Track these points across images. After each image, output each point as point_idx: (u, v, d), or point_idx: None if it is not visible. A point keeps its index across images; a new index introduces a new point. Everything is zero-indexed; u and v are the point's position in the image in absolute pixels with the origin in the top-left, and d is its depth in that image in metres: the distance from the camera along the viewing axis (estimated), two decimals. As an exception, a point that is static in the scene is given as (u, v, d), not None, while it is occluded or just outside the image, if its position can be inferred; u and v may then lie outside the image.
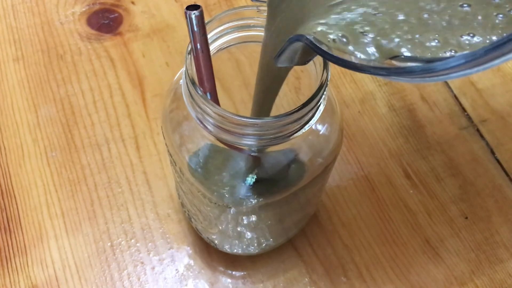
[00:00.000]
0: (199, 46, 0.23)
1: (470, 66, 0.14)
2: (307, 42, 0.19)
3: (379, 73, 0.17)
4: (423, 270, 0.38)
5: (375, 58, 0.17)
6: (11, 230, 0.38)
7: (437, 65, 0.14)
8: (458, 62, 0.14)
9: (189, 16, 0.22)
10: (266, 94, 0.26)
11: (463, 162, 0.42)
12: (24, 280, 0.36)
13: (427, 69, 0.15)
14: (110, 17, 0.47)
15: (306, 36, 0.19)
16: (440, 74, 0.15)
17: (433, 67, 0.15)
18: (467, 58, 0.14)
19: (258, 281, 0.37)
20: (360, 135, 0.43)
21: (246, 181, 0.27)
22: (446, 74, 0.15)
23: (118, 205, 0.39)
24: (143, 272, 0.37)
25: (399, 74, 0.16)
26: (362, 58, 0.18)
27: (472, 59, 0.14)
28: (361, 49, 0.18)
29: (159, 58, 0.46)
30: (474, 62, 0.14)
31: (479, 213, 0.40)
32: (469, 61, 0.14)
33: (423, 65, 0.15)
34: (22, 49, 0.45)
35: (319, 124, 0.28)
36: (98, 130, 0.42)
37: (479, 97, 0.45)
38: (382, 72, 0.17)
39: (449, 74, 0.15)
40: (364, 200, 0.40)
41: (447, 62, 0.14)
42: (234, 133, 0.24)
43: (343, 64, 0.18)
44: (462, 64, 0.14)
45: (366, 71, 0.17)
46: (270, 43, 0.24)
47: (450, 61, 0.14)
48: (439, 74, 0.15)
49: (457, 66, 0.14)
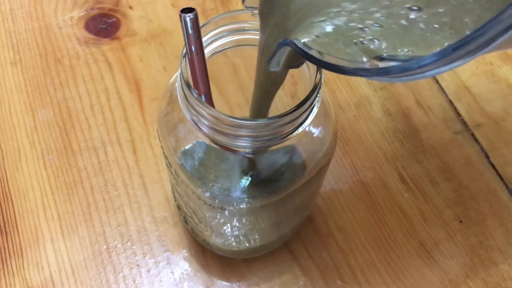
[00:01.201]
0: (194, 48, 0.24)
1: (441, 64, 0.15)
2: (293, 47, 0.20)
3: (361, 74, 0.17)
4: (417, 274, 0.38)
5: (360, 59, 0.18)
6: (7, 232, 0.38)
7: (413, 64, 0.15)
8: (431, 59, 0.15)
9: (183, 18, 0.23)
10: (263, 97, 0.27)
11: (458, 166, 0.42)
12: (20, 283, 0.36)
13: (404, 68, 0.15)
14: (108, 22, 0.48)
15: (293, 41, 0.20)
16: (416, 73, 0.15)
17: (409, 65, 0.15)
18: (438, 56, 0.14)
19: (253, 284, 0.37)
20: (356, 139, 0.43)
21: (240, 183, 0.28)
22: (421, 72, 0.15)
23: (114, 208, 0.39)
24: (139, 274, 0.37)
25: (379, 74, 0.17)
26: (348, 60, 0.18)
27: (442, 57, 0.14)
28: (347, 51, 0.18)
29: (157, 62, 0.46)
30: (444, 60, 0.15)
31: (473, 217, 0.41)
32: (440, 59, 0.14)
33: (401, 64, 0.15)
34: (20, 53, 0.46)
35: (313, 127, 0.29)
36: (95, 133, 0.42)
37: (473, 102, 0.46)
38: (364, 73, 0.17)
39: (424, 72, 0.15)
40: (360, 204, 0.41)
41: (422, 59, 0.15)
42: (229, 135, 0.25)
43: (328, 67, 0.19)
44: (434, 61, 0.15)
45: (350, 73, 0.18)
46: (264, 47, 0.25)
47: (425, 58, 0.15)
48: (416, 73, 0.15)
49: (430, 64, 0.15)
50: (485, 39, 0.14)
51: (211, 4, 0.49)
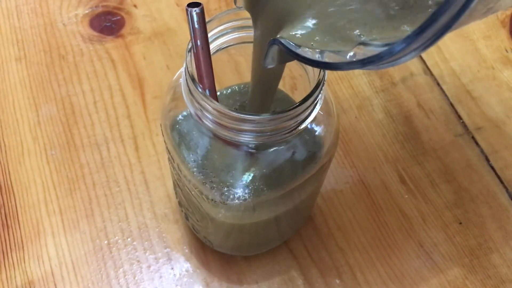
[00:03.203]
0: (199, 43, 0.24)
1: (415, 47, 0.15)
2: (281, 46, 0.21)
3: (347, 67, 0.18)
4: (416, 274, 0.38)
5: (345, 49, 0.19)
6: (9, 226, 0.38)
7: (396, 47, 0.15)
8: (401, 46, 0.15)
9: (190, 13, 0.23)
10: (265, 92, 0.27)
11: (458, 169, 0.43)
12: (21, 276, 0.37)
13: (389, 52, 0.16)
14: (112, 19, 0.48)
15: (279, 40, 0.21)
16: (398, 57, 0.16)
17: (393, 49, 0.15)
18: (407, 42, 0.15)
19: (253, 281, 0.38)
20: (357, 140, 0.44)
21: (242, 179, 0.28)
22: (399, 58, 0.16)
23: (115, 204, 0.40)
24: (139, 270, 0.37)
25: (368, 64, 0.17)
26: (333, 50, 0.19)
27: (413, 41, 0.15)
28: (331, 43, 0.19)
29: (160, 60, 0.46)
30: (416, 43, 0.15)
31: (473, 219, 0.41)
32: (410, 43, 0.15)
33: (386, 49, 0.16)
34: (25, 49, 0.46)
35: (315, 124, 0.29)
36: (98, 130, 0.43)
37: (474, 105, 0.46)
38: (349, 66, 0.18)
39: (400, 58, 0.16)
40: (360, 204, 0.41)
41: (394, 47, 0.15)
42: (232, 130, 0.25)
43: (315, 64, 0.20)
44: (405, 47, 0.15)
45: (339, 68, 0.18)
46: (257, 44, 0.25)
47: (395, 46, 0.15)
48: (397, 57, 0.16)
49: (404, 49, 0.15)
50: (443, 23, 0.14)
51: (215, 4, 0.50)
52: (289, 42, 0.21)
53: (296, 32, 0.21)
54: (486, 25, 0.51)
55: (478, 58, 0.48)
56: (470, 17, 0.16)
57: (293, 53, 0.21)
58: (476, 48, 0.49)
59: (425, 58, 0.48)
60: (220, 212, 0.30)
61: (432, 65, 0.48)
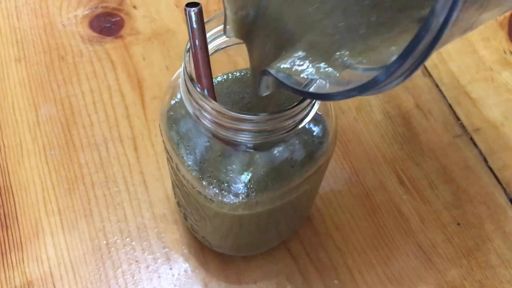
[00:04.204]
0: (198, 42, 0.24)
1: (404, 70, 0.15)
2: (273, 77, 0.21)
3: (351, 94, 0.18)
4: (415, 275, 0.39)
5: (333, 74, 0.19)
6: (8, 226, 0.38)
7: (379, 76, 0.15)
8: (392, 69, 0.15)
9: (188, 13, 0.23)
10: (264, 104, 0.28)
11: (456, 170, 0.43)
12: (19, 276, 0.37)
13: (374, 82, 0.16)
14: (112, 20, 0.48)
15: (269, 71, 0.22)
16: (383, 85, 0.16)
17: (378, 78, 0.16)
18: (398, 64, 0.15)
19: (251, 281, 0.38)
20: (356, 141, 0.44)
21: (241, 178, 0.28)
22: (387, 84, 0.16)
23: (114, 204, 0.40)
24: (138, 270, 0.37)
25: (363, 90, 0.17)
26: (323, 77, 0.19)
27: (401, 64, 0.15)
28: (319, 71, 0.19)
29: (159, 61, 0.46)
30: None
31: (471, 219, 0.41)
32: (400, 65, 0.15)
33: (370, 80, 0.16)
34: (24, 49, 0.46)
35: (313, 125, 0.29)
36: (97, 130, 0.43)
37: (473, 106, 0.46)
38: (340, 96, 0.18)
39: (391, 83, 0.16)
40: (358, 205, 0.41)
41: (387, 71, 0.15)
42: (230, 129, 0.25)
43: (306, 95, 0.20)
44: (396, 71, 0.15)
45: (329, 98, 0.19)
46: (252, 72, 0.26)
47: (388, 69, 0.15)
48: (382, 85, 0.16)
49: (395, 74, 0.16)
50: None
51: (215, 6, 0.50)
52: (278, 73, 0.21)
53: (285, 63, 0.21)
54: (485, 27, 0.51)
55: (476, 60, 0.49)
56: (448, 39, 0.16)
57: (283, 84, 0.21)
58: (475, 50, 0.49)
59: (423, 60, 0.48)
60: (218, 212, 0.30)
61: (431, 66, 0.48)
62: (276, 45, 0.23)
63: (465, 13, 0.14)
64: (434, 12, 0.13)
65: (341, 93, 0.18)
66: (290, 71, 0.21)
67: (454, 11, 0.13)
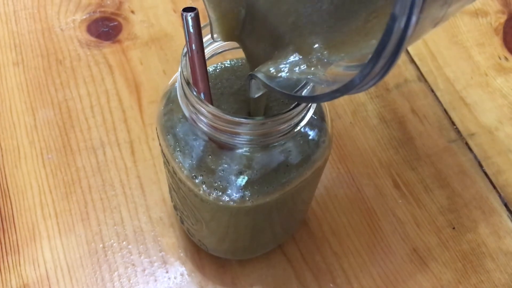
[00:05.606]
0: (194, 47, 0.24)
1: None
2: (257, 79, 0.22)
3: (335, 95, 0.18)
4: (410, 279, 0.39)
5: (320, 70, 0.19)
6: (5, 229, 0.38)
7: (356, 79, 0.16)
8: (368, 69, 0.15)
9: (185, 17, 0.23)
10: (256, 105, 0.28)
11: (451, 174, 0.43)
12: (16, 279, 0.37)
13: (365, 74, 0.16)
14: (109, 25, 0.49)
15: (255, 74, 0.22)
16: (362, 85, 0.16)
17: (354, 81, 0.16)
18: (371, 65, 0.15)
19: (247, 285, 0.38)
20: (351, 145, 0.44)
21: (237, 182, 0.28)
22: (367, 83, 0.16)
23: (111, 208, 0.40)
24: (134, 274, 0.38)
25: (337, 94, 0.17)
26: (310, 76, 0.20)
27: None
28: (304, 71, 0.20)
29: (157, 66, 0.47)
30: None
31: (466, 223, 0.41)
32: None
33: (361, 71, 0.16)
34: (22, 53, 0.46)
35: (309, 128, 0.29)
36: (94, 134, 0.43)
37: (468, 111, 0.46)
38: (337, 95, 0.18)
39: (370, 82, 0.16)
40: (354, 209, 0.41)
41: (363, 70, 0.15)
42: (226, 133, 0.25)
43: (291, 97, 0.21)
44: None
45: (314, 100, 0.19)
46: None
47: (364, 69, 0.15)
48: (362, 86, 0.16)
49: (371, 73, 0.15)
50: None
51: (212, 11, 0.50)
52: (265, 76, 0.22)
53: (272, 66, 0.22)
54: (480, 33, 0.51)
55: (471, 65, 0.49)
56: (420, 33, 0.16)
57: (269, 87, 0.22)
58: (470, 55, 0.50)
59: (419, 65, 0.49)
60: (215, 215, 0.31)
61: (426, 72, 0.48)
62: (268, 45, 0.23)
63: (429, 11, 0.15)
64: (394, 17, 0.13)
65: (327, 95, 0.18)
66: (277, 74, 0.21)
67: (413, 15, 0.13)
